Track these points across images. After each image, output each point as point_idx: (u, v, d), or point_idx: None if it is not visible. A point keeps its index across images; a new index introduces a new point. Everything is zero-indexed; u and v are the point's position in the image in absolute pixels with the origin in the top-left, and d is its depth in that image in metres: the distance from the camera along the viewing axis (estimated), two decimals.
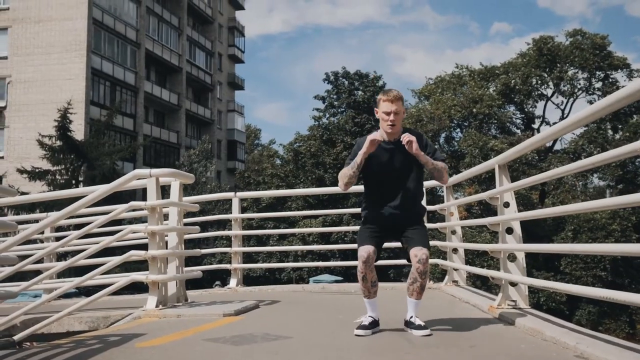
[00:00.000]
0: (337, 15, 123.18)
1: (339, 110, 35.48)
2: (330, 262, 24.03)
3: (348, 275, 25.68)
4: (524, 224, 4.49)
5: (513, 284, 4.40)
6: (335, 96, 35.74)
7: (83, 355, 3.33)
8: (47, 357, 3.29)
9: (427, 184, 7.41)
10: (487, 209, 26.87)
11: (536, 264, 25.71)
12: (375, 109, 3.87)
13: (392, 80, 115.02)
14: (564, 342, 3.20)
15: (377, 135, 3.76)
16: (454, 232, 6.66)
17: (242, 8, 53.95)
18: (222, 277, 26.37)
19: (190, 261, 8.87)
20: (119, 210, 5.30)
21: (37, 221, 5.97)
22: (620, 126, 31.15)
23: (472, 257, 23.94)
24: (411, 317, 3.73)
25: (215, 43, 48.03)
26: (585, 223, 26.77)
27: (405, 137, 3.67)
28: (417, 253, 3.66)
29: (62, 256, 12.90)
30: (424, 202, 4.62)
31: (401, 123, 3.80)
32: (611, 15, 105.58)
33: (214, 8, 48.04)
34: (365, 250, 3.69)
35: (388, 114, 3.72)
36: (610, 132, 31.76)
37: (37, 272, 6.15)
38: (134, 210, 5.65)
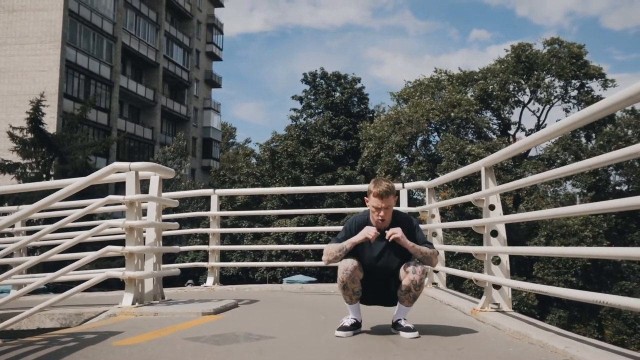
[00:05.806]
0: (319, 16, 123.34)
1: (317, 111, 35.45)
2: (305, 262, 23.91)
3: (322, 276, 25.63)
4: None
5: (497, 287, 4.37)
6: (312, 97, 35.68)
7: (58, 353, 3.18)
8: (20, 355, 3.14)
9: (410, 185, 7.40)
10: (461, 213, 27.02)
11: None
12: (365, 197, 3.73)
13: (371, 83, 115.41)
14: (552, 345, 3.16)
15: (372, 231, 3.58)
16: (434, 234, 6.64)
17: (221, 5, 53.65)
18: (194, 276, 26.06)
19: (163, 259, 8.68)
20: (96, 204, 5.14)
21: (7, 214, 5.76)
22: (593, 135, 31.61)
23: (446, 261, 24.01)
24: (399, 319, 3.66)
25: (193, 39, 47.61)
26: (558, 229, 27.05)
27: (391, 235, 3.54)
28: (411, 268, 3.55)
29: (32, 251, 12.59)
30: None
31: (391, 212, 3.66)
32: (587, 26, 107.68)
33: (192, 4, 47.61)
34: (352, 264, 3.54)
35: (378, 209, 3.59)
36: (583, 140, 32.20)
37: (6, 268, 5.95)
38: (110, 205, 5.49)
